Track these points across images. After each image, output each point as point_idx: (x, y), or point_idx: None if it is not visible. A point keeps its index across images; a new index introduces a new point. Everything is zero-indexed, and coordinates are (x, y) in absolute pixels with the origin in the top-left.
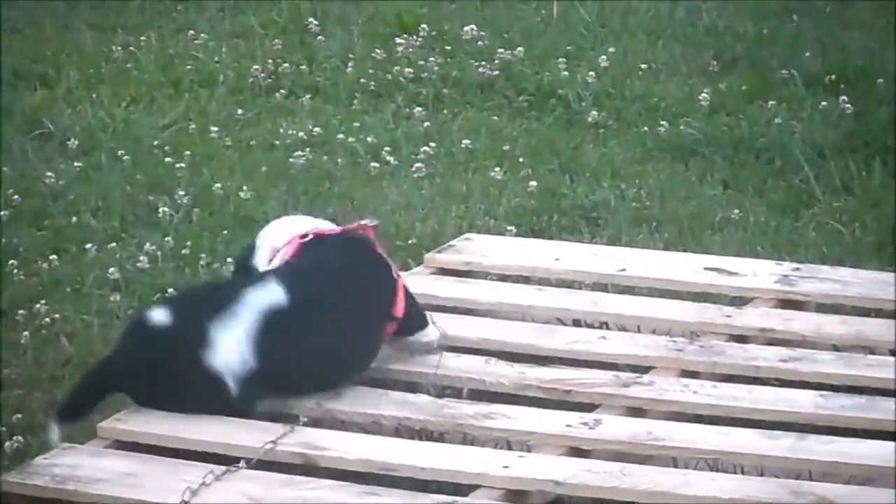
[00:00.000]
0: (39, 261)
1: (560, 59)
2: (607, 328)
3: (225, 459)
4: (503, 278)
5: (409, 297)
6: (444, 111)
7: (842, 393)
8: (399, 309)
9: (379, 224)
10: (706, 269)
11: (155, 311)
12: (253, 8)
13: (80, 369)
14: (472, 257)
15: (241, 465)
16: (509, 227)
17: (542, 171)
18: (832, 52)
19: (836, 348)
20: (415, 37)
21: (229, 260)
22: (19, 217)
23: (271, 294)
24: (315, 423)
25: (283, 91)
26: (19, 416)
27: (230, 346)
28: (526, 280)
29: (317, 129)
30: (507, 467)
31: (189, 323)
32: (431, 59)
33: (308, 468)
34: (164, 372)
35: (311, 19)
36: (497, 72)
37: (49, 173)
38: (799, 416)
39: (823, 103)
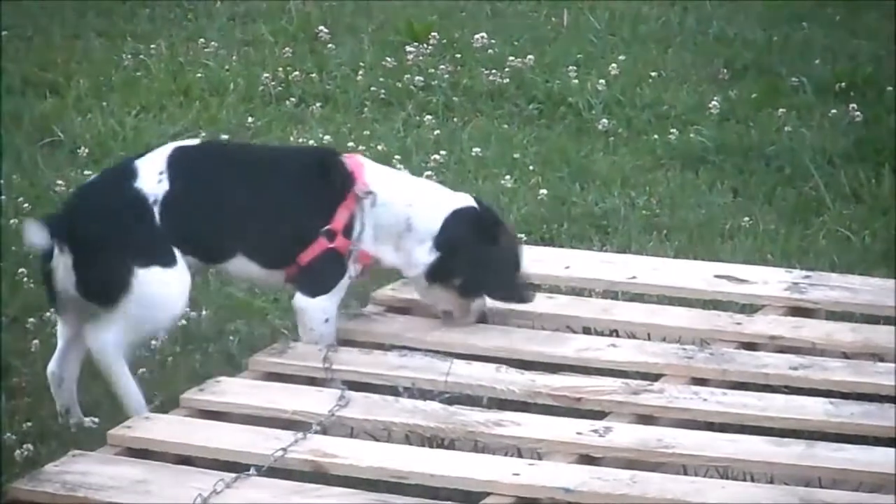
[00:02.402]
0: None
1: (570, 68)
2: (617, 336)
3: (235, 467)
4: None
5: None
6: (455, 119)
7: (851, 400)
8: (337, 224)
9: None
10: (716, 276)
11: None
12: (263, 16)
13: (90, 377)
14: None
15: (251, 472)
16: (520, 235)
17: (552, 178)
18: (842, 60)
19: (845, 356)
20: (425, 45)
21: None
22: None
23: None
24: (325, 430)
25: (293, 99)
26: (29, 423)
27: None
28: (536, 288)
29: (327, 137)
30: (517, 474)
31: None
32: (442, 67)
33: (318, 476)
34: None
35: (321, 27)
36: (507, 80)
37: (59, 181)
38: (808, 424)
39: (833, 111)
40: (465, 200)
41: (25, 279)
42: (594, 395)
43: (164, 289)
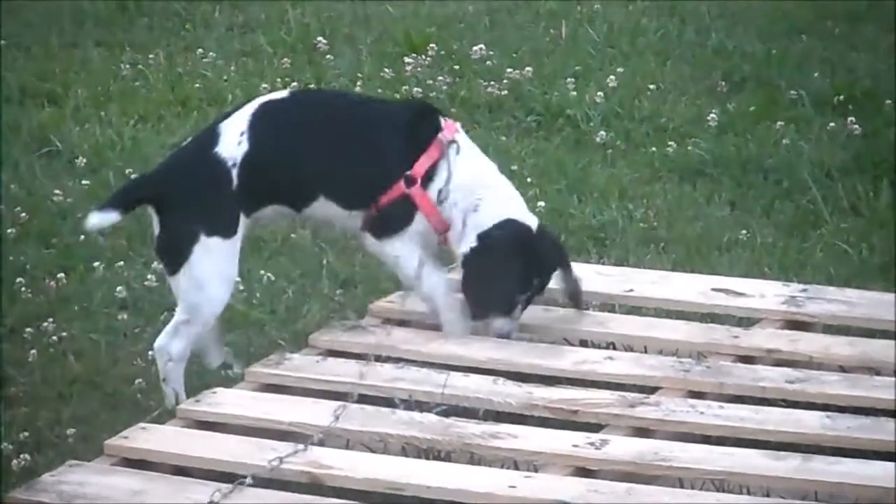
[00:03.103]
0: (47, 279)
1: (568, 80)
2: (614, 348)
3: (232, 478)
4: None
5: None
6: None
7: (848, 414)
8: (419, 170)
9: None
10: (713, 289)
11: None
12: (262, 27)
13: (87, 387)
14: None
15: (247, 480)
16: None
17: (550, 190)
18: (840, 74)
19: (842, 369)
20: (423, 56)
21: (237, 279)
22: (27, 235)
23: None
24: (321, 441)
25: None
26: (26, 433)
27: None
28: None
29: None
30: (513, 487)
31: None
32: (440, 78)
33: (314, 487)
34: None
35: (319, 38)
36: (505, 92)
37: (57, 191)
38: (805, 437)
39: (831, 124)
40: (527, 217)
41: (23, 289)
42: (591, 407)
43: (220, 260)
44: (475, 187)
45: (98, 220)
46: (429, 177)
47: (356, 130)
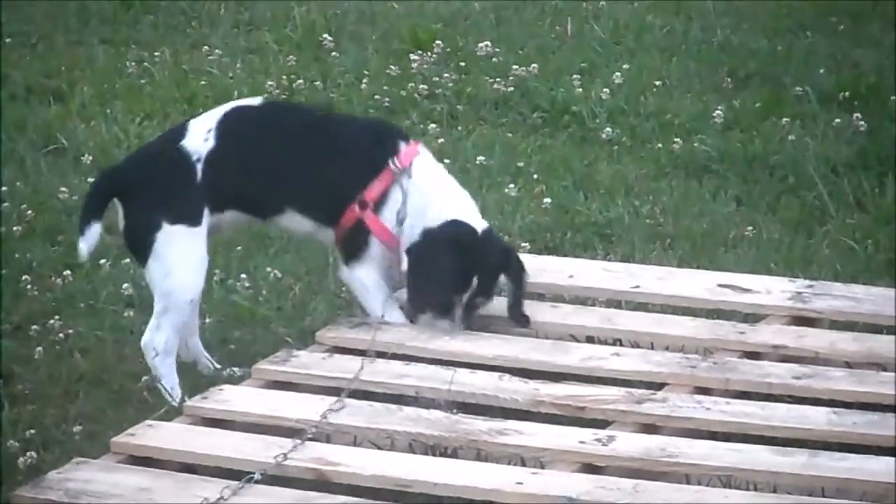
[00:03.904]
0: (53, 276)
1: (574, 76)
2: (621, 345)
3: (239, 475)
4: None
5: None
6: (459, 127)
7: (854, 410)
8: (371, 194)
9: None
10: (719, 285)
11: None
12: (267, 24)
13: (93, 385)
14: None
15: (255, 476)
16: (523, 244)
17: (556, 187)
18: (846, 70)
19: (848, 365)
20: (429, 53)
21: (243, 276)
22: (33, 232)
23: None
24: (328, 438)
25: None
26: (32, 431)
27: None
28: (540, 297)
29: None
30: (520, 483)
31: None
32: (446, 75)
33: (321, 484)
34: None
35: (325, 35)
36: (511, 88)
37: (63, 189)
38: (812, 433)
39: (837, 120)
40: (475, 219)
41: (29, 287)
42: (597, 404)
43: (186, 247)
44: (424, 204)
45: (86, 245)
46: (382, 201)
47: (319, 148)
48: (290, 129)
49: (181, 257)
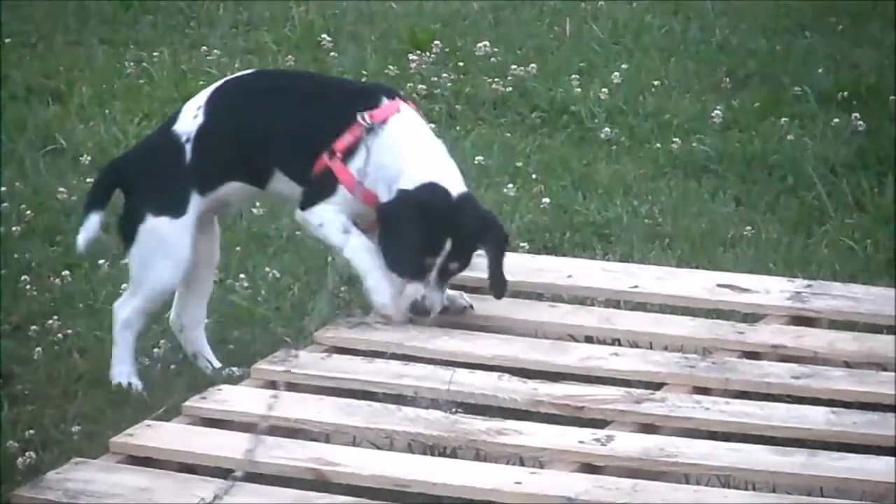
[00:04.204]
0: (52, 276)
1: (573, 76)
2: (619, 345)
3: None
4: (516, 295)
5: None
6: (457, 127)
7: (853, 409)
8: (339, 145)
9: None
10: (718, 285)
11: None
12: (266, 24)
13: (92, 385)
14: (485, 273)
15: (238, 474)
16: (522, 244)
17: (554, 187)
18: (844, 70)
19: (847, 365)
20: (428, 53)
21: (242, 276)
22: (32, 233)
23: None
24: (327, 438)
25: None
26: (31, 431)
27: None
28: (538, 296)
29: None
30: (519, 483)
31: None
32: (444, 75)
33: (320, 483)
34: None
35: (324, 35)
36: (510, 88)
37: (61, 189)
38: (811, 433)
39: (836, 120)
40: (453, 184)
41: (28, 287)
42: (596, 403)
43: (167, 240)
44: (399, 163)
45: (84, 235)
46: (350, 152)
47: (302, 105)
48: (274, 92)
49: (161, 251)
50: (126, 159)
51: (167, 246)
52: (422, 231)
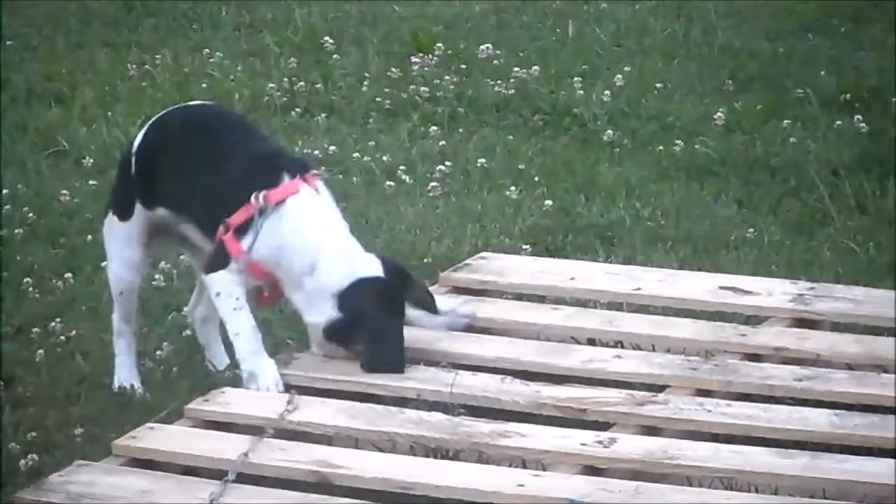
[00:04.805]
0: (55, 279)
1: (575, 79)
2: (622, 347)
3: (242, 478)
4: (518, 297)
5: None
6: (460, 130)
7: (856, 412)
8: (234, 219)
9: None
10: (721, 288)
11: None
12: (268, 26)
13: (95, 387)
14: (488, 276)
15: (228, 476)
16: (525, 246)
17: (557, 190)
18: (847, 72)
19: (850, 367)
20: (430, 56)
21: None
22: (35, 235)
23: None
24: (329, 440)
25: (298, 110)
26: (34, 433)
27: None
28: (541, 299)
29: (332, 147)
30: (522, 486)
31: None
32: (447, 77)
33: (323, 486)
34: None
35: (326, 38)
36: (512, 91)
37: (64, 191)
38: (813, 435)
39: (838, 123)
40: (373, 268)
41: (30, 289)
42: (599, 406)
43: (118, 239)
44: (304, 251)
45: None
46: (243, 229)
47: (213, 167)
48: (200, 141)
49: (113, 249)
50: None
51: (117, 244)
52: (396, 329)
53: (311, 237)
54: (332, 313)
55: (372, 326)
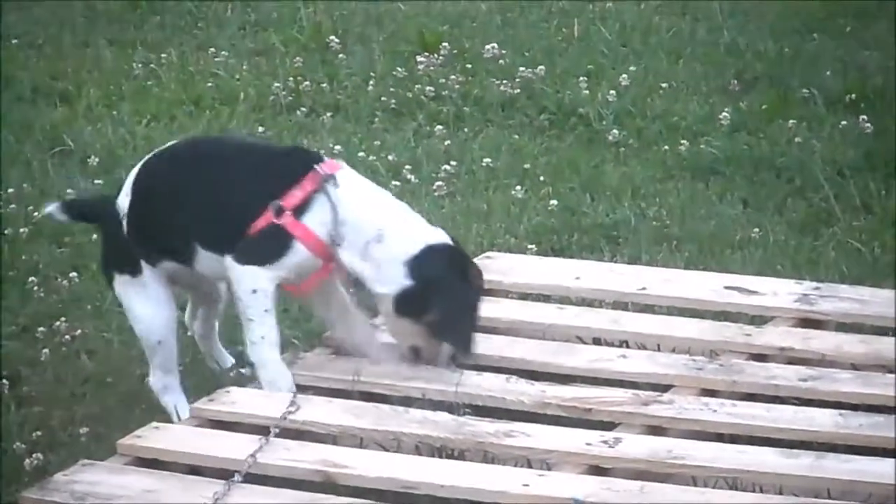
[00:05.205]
0: (60, 278)
1: (581, 78)
2: (627, 347)
3: (246, 477)
4: (524, 297)
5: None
6: (465, 129)
7: (860, 412)
8: (289, 201)
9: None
10: (726, 287)
11: None
12: (274, 25)
13: (100, 386)
14: (493, 276)
15: (235, 478)
16: (530, 246)
17: (562, 189)
18: (852, 72)
19: (854, 367)
20: (436, 55)
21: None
22: (40, 234)
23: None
24: (334, 440)
25: (303, 109)
26: (39, 432)
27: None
28: (546, 298)
29: (337, 147)
30: (527, 485)
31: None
32: (452, 77)
33: (328, 485)
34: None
35: (332, 37)
36: (518, 90)
37: (69, 190)
38: (818, 435)
39: (843, 122)
40: (441, 236)
41: (35, 288)
42: (604, 405)
43: (136, 293)
44: (369, 221)
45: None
46: (304, 208)
47: (224, 173)
48: (201, 161)
49: (135, 302)
50: (98, 208)
51: (139, 297)
52: (473, 300)
53: (376, 205)
54: (403, 282)
55: (446, 294)
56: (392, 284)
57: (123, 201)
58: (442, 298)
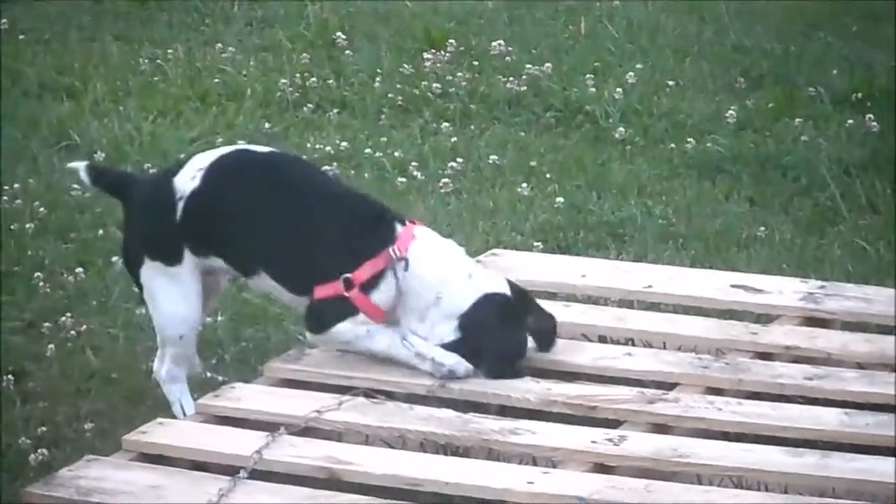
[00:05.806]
0: (65, 273)
1: (588, 76)
2: (633, 344)
3: (252, 473)
4: None
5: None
6: (472, 126)
7: (866, 411)
8: (359, 276)
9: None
10: (732, 286)
11: None
12: (281, 22)
13: (105, 382)
14: (499, 273)
15: (241, 474)
16: (536, 243)
17: (568, 187)
18: (859, 71)
19: (860, 366)
20: (442, 52)
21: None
22: (45, 230)
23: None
24: (339, 436)
25: (310, 105)
26: (44, 428)
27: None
28: (552, 296)
29: (344, 143)
30: (531, 483)
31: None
32: (459, 74)
33: (332, 482)
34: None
35: (338, 34)
36: (524, 88)
37: (75, 186)
38: (823, 434)
39: (850, 121)
40: (499, 285)
41: (42, 283)
42: (609, 403)
43: (167, 283)
44: (430, 289)
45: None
46: (372, 284)
47: (312, 217)
48: (283, 187)
49: (164, 293)
50: (132, 184)
51: (168, 287)
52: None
53: (436, 274)
54: (452, 336)
55: (488, 335)
56: (441, 340)
57: (186, 183)
58: (487, 347)
